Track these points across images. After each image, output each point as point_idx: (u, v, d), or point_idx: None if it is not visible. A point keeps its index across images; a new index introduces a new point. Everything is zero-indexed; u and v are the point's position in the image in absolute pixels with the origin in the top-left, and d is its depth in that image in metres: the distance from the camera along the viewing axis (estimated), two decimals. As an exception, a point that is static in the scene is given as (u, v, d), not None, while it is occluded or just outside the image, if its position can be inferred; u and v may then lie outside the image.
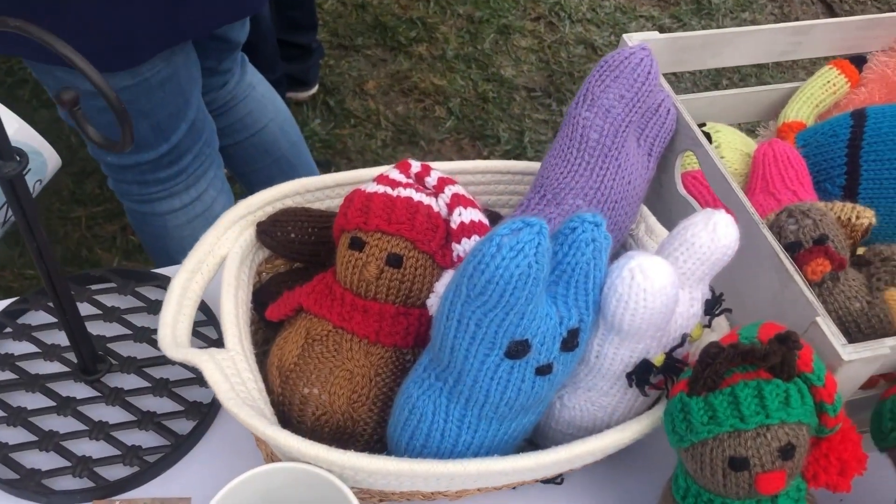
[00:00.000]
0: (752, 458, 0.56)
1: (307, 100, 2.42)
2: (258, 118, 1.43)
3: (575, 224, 0.57)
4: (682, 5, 2.97)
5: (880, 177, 0.79)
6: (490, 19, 2.77)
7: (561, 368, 0.60)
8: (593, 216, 0.57)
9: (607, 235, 0.57)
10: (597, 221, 0.57)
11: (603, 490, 0.74)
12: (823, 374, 0.58)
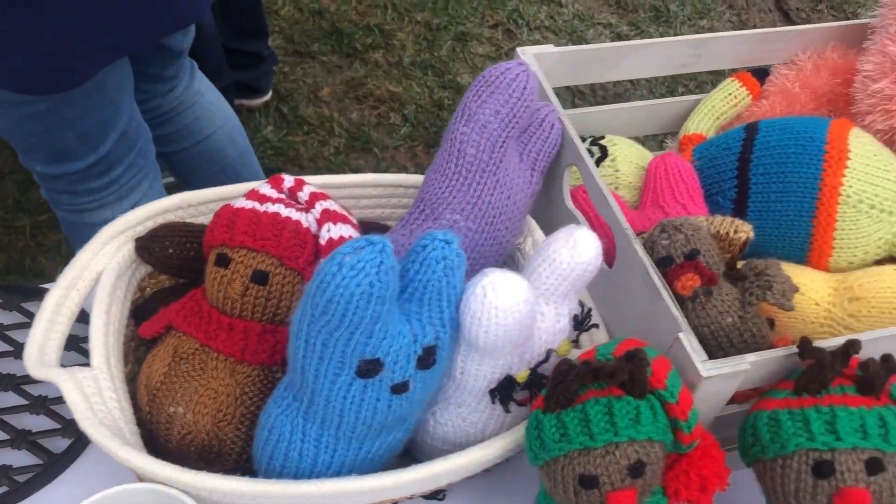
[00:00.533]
0: (601, 475, 0.55)
1: (260, 107, 2.41)
2: (205, 125, 1.42)
3: (426, 242, 0.56)
4: (640, 13, 2.98)
5: (768, 189, 0.79)
6: (448, 26, 2.77)
7: (420, 386, 0.60)
8: (444, 234, 0.56)
9: (460, 253, 0.57)
10: (448, 239, 0.56)
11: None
12: (677, 391, 0.58)
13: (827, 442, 0.58)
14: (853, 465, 0.57)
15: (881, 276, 0.76)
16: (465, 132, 0.70)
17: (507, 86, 0.69)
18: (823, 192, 0.77)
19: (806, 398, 0.61)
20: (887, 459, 0.58)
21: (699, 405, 0.63)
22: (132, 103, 1.15)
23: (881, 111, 0.81)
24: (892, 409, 0.60)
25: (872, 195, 0.76)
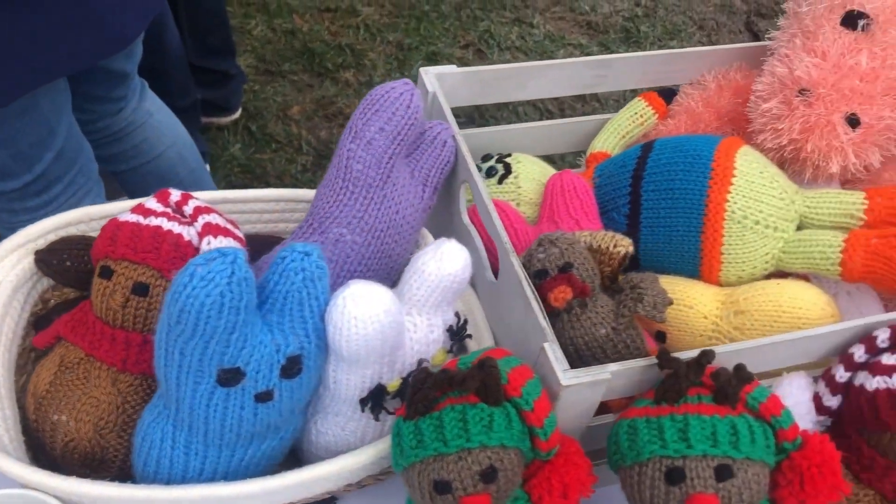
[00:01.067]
0: (454, 481, 0.57)
1: (228, 125, 2.44)
2: (155, 144, 1.44)
3: (285, 254, 0.58)
4: (610, 33, 3.02)
5: (658, 206, 0.82)
6: (419, 46, 2.81)
7: (286, 395, 0.61)
8: (304, 246, 0.59)
9: (320, 265, 0.59)
10: (307, 251, 0.58)
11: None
12: (533, 398, 0.60)
13: (678, 449, 0.60)
14: (703, 471, 0.59)
15: (764, 289, 0.78)
16: (351, 149, 0.72)
17: (391, 104, 0.72)
18: (709, 209, 0.79)
19: (664, 407, 0.62)
20: (737, 466, 0.59)
21: (563, 414, 0.65)
22: (71, 122, 1.17)
23: (771, 130, 0.83)
24: (747, 417, 0.61)
25: (757, 212, 0.79)
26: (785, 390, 0.72)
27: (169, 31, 1.82)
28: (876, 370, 0.68)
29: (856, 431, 0.69)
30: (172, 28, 1.84)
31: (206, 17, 2.12)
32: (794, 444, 0.62)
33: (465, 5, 2.99)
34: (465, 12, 2.96)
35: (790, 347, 0.69)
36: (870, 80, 0.80)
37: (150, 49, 1.80)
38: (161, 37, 1.80)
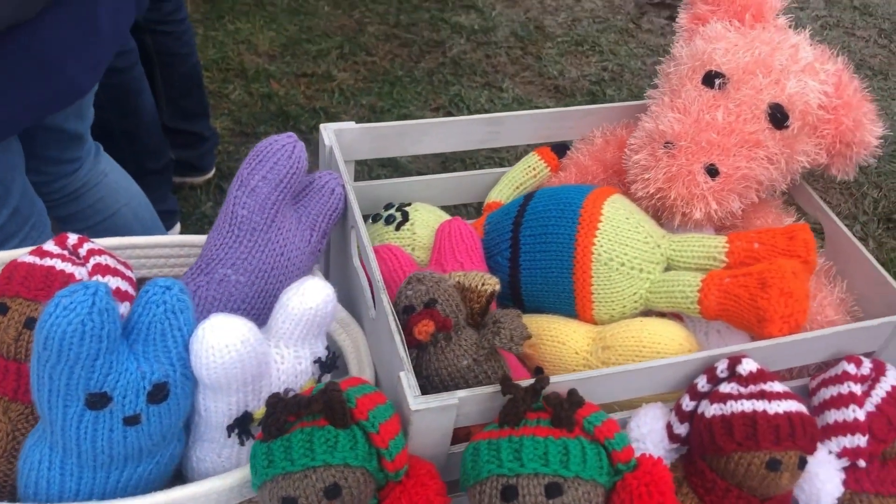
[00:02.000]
0: (300, 497, 0.62)
1: (202, 184, 2.52)
2: (110, 204, 1.51)
3: (148, 288, 0.64)
4: (577, 97, 3.13)
5: (534, 249, 0.88)
6: (391, 109, 2.90)
7: (155, 420, 0.66)
8: (166, 281, 0.65)
9: (182, 298, 0.65)
10: (168, 285, 0.64)
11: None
12: (379, 422, 0.65)
13: (513, 468, 0.64)
14: (534, 489, 0.64)
15: (628, 326, 0.83)
16: (237, 196, 0.79)
17: (274, 154, 0.79)
18: (578, 252, 0.85)
19: (505, 430, 0.67)
20: (567, 485, 0.64)
21: (419, 439, 0.70)
22: (24, 181, 1.23)
23: (640, 180, 0.90)
24: (582, 440, 0.66)
25: (622, 254, 0.85)
26: (641, 420, 0.77)
27: (144, 95, 1.90)
28: (714, 398, 0.73)
29: (700, 456, 0.74)
30: (147, 92, 1.92)
31: (181, 80, 2.21)
32: (628, 465, 0.67)
33: (437, 71, 3.10)
34: (437, 77, 3.07)
35: (638, 377, 0.74)
36: (726, 134, 0.87)
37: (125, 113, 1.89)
38: (136, 101, 1.88)
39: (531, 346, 0.86)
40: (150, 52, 2.03)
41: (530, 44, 3.30)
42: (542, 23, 3.44)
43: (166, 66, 2.12)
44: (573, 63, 3.22)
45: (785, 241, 0.84)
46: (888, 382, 0.79)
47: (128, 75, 1.83)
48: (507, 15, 3.45)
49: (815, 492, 0.75)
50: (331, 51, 3.07)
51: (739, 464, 0.70)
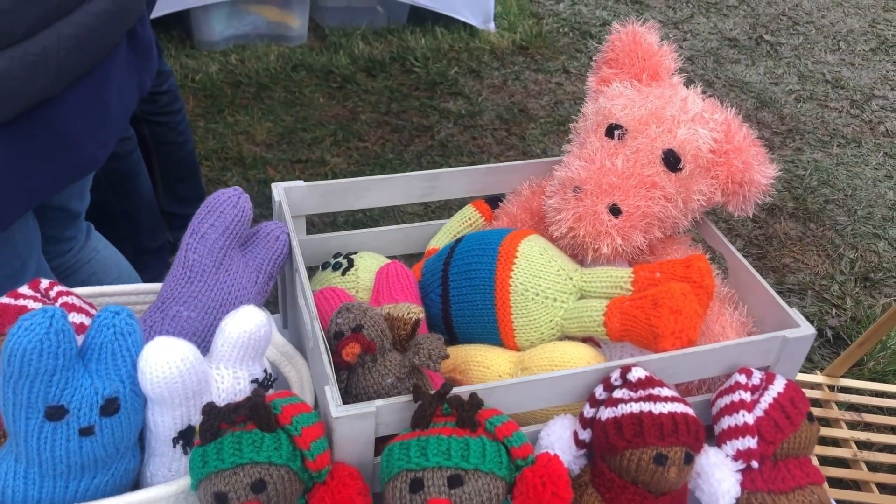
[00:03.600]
0: (229, 492, 0.70)
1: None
2: (102, 279, 1.63)
3: (100, 314, 0.75)
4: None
5: (461, 286, 0.98)
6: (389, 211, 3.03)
7: (107, 431, 0.76)
8: (116, 308, 0.75)
9: (129, 322, 0.75)
10: (117, 311, 0.75)
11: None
12: (302, 426, 0.74)
13: (419, 463, 0.73)
14: (437, 480, 0.72)
15: (543, 349, 0.92)
16: (189, 242, 0.90)
17: (221, 204, 0.90)
18: (498, 285, 0.95)
19: (415, 432, 0.76)
20: (467, 476, 0.72)
21: (343, 446, 0.78)
22: (40, 256, 1.32)
23: (555, 222, 1.00)
24: (483, 438, 0.75)
25: (537, 286, 0.94)
26: (550, 429, 0.85)
27: (142, 179, 2.04)
28: (608, 404, 0.81)
29: (600, 458, 0.82)
30: (145, 176, 2.07)
31: (177, 167, 2.37)
32: (526, 460, 0.76)
33: (426, 153, 3.27)
34: (425, 158, 3.23)
35: (541, 387, 0.83)
36: (626, 177, 0.98)
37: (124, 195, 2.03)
38: (134, 184, 2.03)
39: (461, 372, 0.95)
40: (147, 141, 2.20)
41: (514, 125, 3.47)
42: (526, 106, 3.62)
43: (163, 154, 2.28)
44: (555, 141, 3.37)
45: (683, 270, 0.94)
46: (775, 390, 0.87)
47: (127, 160, 1.98)
48: (493, 100, 3.64)
49: (713, 491, 0.82)
50: (325, 138, 3.25)
51: (630, 460, 0.78)
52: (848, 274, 2.81)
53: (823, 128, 3.61)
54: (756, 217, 3.01)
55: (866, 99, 3.85)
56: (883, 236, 2.97)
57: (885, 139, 3.55)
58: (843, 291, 2.72)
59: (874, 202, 3.14)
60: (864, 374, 2.36)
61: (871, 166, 3.36)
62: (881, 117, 3.71)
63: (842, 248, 2.92)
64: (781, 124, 3.60)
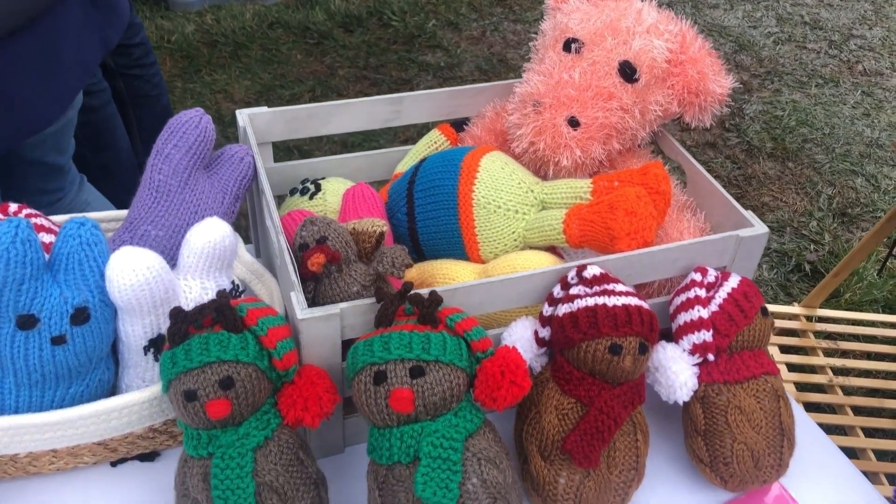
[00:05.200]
0: (198, 389, 0.73)
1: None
2: None
3: (66, 225, 0.77)
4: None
5: (425, 202, 1.00)
6: (362, 143, 3.05)
7: (79, 340, 0.78)
8: (80, 219, 0.77)
9: (94, 233, 0.77)
10: (82, 222, 0.77)
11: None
12: (268, 327, 0.76)
13: (382, 356, 0.75)
14: (400, 371, 0.75)
15: (506, 258, 0.95)
16: (154, 164, 0.92)
17: (183, 125, 0.92)
18: (461, 199, 0.97)
19: (378, 330, 0.79)
20: (428, 367, 0.75)
21: (309, 347, 0.81)
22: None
23: (516, 138, 1.02)
24: (444, 333, 0.77)
25: (498, 198, 0.97)
26: (511, 329, 0.88)
27: (118, 132, 2.04)
28: (565, 300, 0.84)
29: (559, 353, 0.85)
30: (121, 130, 2.06)
31: (153, 120, 2.35)
32: (486, 353, 0.78)
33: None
34: (404, 112, 3.21)
35: (500, 287, 0.85)
36: (583, 89, 0.99)
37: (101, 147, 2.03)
38: (111, 137, 2.03)
39: (427, 285, 0.98)
40: (122, 95, 2.19)
41: (494, 76, 3.47)
42: (505, 56, 3.62)
43: (139, 107, 2.28)
44: (534, 90, 3.35)
45: (640, 177, 0.96)
46: (730, 286, 0.90)
47: (100, 114, 1.98)
48: (472, 52, 3.63)
49: (671, 384, 0.85)
50: (303, 94, 3.24)
51: (587, 351, 0.81)
52: (826, 210, 2.84)
53: (802, 69, 3.62)
54: (735, 158, 3.04)
55: (844, 39, 3.85)
56: (860, 173, 3.00)
57: (864, 78, 3.57)
58: (822, 227, 2.76)
59: (852, 140, 3.17)
60: (841, 305, 2.40)
61: (849, 105, 3.37)
62: (859, 56, 3.72)
63: (820, 185, 2.95)
64: (760, 66, 3.61)
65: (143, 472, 0.89)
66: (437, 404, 0.75)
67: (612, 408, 0.80)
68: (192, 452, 0.75)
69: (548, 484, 0.82)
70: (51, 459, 0.83)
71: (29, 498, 0.85)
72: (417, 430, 0.75)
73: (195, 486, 0.74)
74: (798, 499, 0.90)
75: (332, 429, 0.90)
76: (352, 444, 0.94)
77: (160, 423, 0.85)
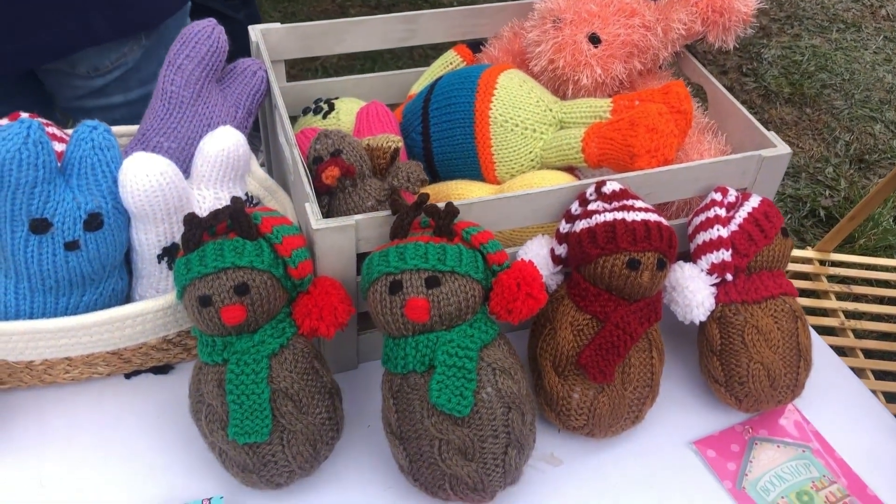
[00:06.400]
0: (213, 294, 0.72)
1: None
2: None
3: (78, 128, 0.75)
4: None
5: (441, 121, 0.98)
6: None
7: (92, 247, 0.77)
8: (93, 122, 0.76)
9: (107, 137, 0.76)
10: (95, 125, 0.75)
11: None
12: (283, 235, 0.75)
13: (398, 266, 0.74)
14: (415, 281, 0.74)
15: (522, 178, 0.93)
16: (166, 74, 0.90)
17: (195, 35, 0.90)
18: (477, 117, 0.95)
19: (394, 241, 0.78)
20: (444, 278, 0.74)
21: (324, 258, 0.80)
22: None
23: (534, 56, 1.00)
24: (461, 246, 0.77)
25: (516, 116, 0.95)
26: (528, 247, 0.87)
27: None
28: (583, 216, 0.83)
29: (576, 270, 0.84)
30: None
31: None
32: (502, 266, 0.77)
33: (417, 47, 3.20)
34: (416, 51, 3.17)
35: (517, 203, 0.84)
36: (605, 5, 0.97)
37: None
38: None
39: (442, 205, 0.96)
40: None
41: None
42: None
43: None
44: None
45: (661, 96, 0.94)
46: (750, 205, 0.88)
47: None
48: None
49: (688, 303, 0.84)
50: (314, 33, 3.18)
51: (604, 266, 0.80)
52: (843, 156, 2.80)
53: (823, 13, 3.53)
54: (752, 103, 2.99)
55: (867, -17, 3.76)
56: (880, 119, 2.95)
57: (886, 23, 3.48)
58: (838, 173, 2.72)
59: (872, 86, 3.11)
60: (855, 250, 2.38)
61: (870, 50, 3.30)
62: (882, 1, 3.63)
63: (837, 131, 2.90)
64: (780, 11, 3.53)
65: (156, 385, 0.89)
66: (452, 315, 0.74)
67: (628, 323, 0.80)
68: (207, 359, 0.75)
69: (561, 399, 0.82)
70: (66, 368, 0.83)
71: (45, 407, 0.85)
72: (433, 339, 0.74)
73: (210, 392, 0.74)
74: (811, 420, 0.89)
75: (345, 344, 0.90)
76: (365, 361, 0.94)
77: (174, 335, 0.85)
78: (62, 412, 0.85)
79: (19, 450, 0.81)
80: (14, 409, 0.85)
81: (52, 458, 0.81)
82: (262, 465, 0.75)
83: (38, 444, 0.82)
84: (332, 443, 0.79)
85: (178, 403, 0.84)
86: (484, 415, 0.73)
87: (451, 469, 0.73)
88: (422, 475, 0.76)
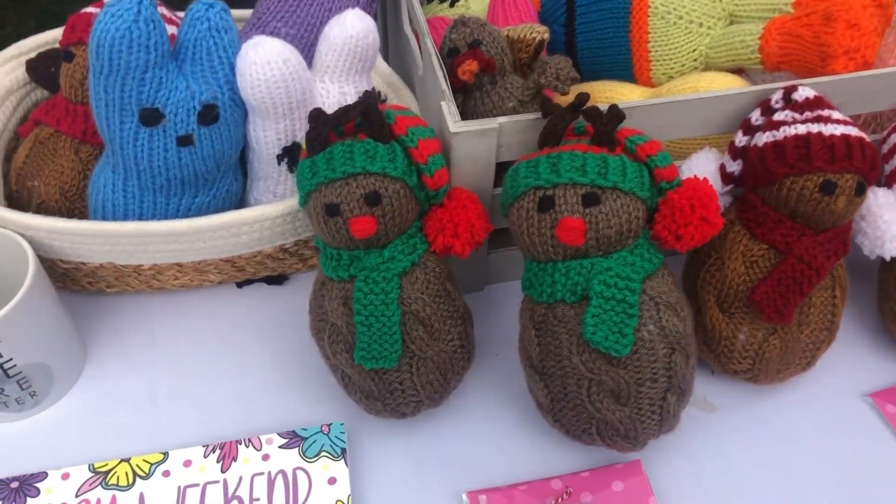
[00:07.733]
0: (341, 203, 0.63)
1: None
2: None
3: (192, 6, 0.66)
4: None
5: (589, 10, 0.85)
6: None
7: (206, 143, 0.69)
8: (212, 0, 0.66)
9: (224, 17, 0.67)
10: (211, 3, 0.66)
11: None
12: (418, 138, 0.65)
13: (550, 179, 0.64)
14: (570, 197, 0.63)
15: (685, 80, 0.81)
16: (285, -49, 0.79)
17: None
18: (634, 7, 0.82)
19: (545, 150, 0.67)
20: (605, 195, 0.63)
21: (461, 165, 0.70)
22: None
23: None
24: (623, 157, 0.65)
25: (680, 7, 0.81)
26: (693, 162, 0.75)
27: None
28: (766, 128, 0.70)
29: (752, 191, 0.72)
30: None
31: None
32: (671, 183, 0.66)
33: None
34: None
35: (687, 108, 0.71)
36: None
37: None
38: None
39: (585, 110, 0.85)
40: None
41: None
42: None
43: None
44: None
45: (860, -13, 0.78)
46: (966, 122, 0.74)
47: None
48: None
49: (880, 235, 0.72)
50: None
51: (791, 189, 0.67)
52: None
53: None
54: None
55: None
56: None
57: None
58: None
59: None
60: None
61: None
62: None
63: None
64: None
65: (270, 296, 0.82)
66: (611, 238, 0.64)
67: (814, 256, 0.68)
68: (332, 274, 0.67)
69: (725, 339, 0.71)
70: (175, 274, 0.77)
71: (153, 316, 0.80)
72: (587, 266, 0.64)
73: (334, 310, 0.66)
74: None
75: (474, 264, 0.81)
76: (493, 283, 0.85)
77: (291, 244, 0.77)
78: (172, 321, 0.80)
79: (131, 357, 0.76)
80: (122, 314, 0.80)
81: (162, 369, 0.76)
82: (388, 393, 0.67)
83: (148, 353, 0.77)
84: (462, 372, 0.71)
85: (295, 316, 0.77)
86: (644, 355, 0.63)
87: (600, 413, 0.65)
88: (564, 416, 0.67)
